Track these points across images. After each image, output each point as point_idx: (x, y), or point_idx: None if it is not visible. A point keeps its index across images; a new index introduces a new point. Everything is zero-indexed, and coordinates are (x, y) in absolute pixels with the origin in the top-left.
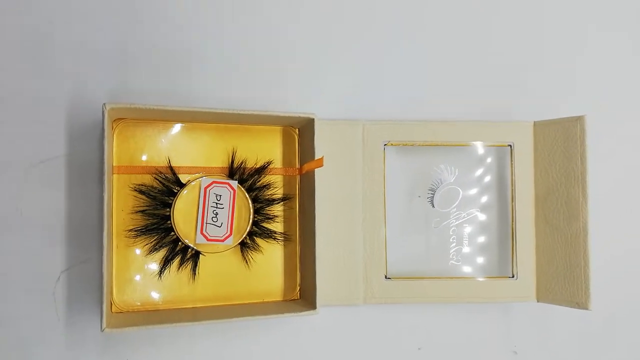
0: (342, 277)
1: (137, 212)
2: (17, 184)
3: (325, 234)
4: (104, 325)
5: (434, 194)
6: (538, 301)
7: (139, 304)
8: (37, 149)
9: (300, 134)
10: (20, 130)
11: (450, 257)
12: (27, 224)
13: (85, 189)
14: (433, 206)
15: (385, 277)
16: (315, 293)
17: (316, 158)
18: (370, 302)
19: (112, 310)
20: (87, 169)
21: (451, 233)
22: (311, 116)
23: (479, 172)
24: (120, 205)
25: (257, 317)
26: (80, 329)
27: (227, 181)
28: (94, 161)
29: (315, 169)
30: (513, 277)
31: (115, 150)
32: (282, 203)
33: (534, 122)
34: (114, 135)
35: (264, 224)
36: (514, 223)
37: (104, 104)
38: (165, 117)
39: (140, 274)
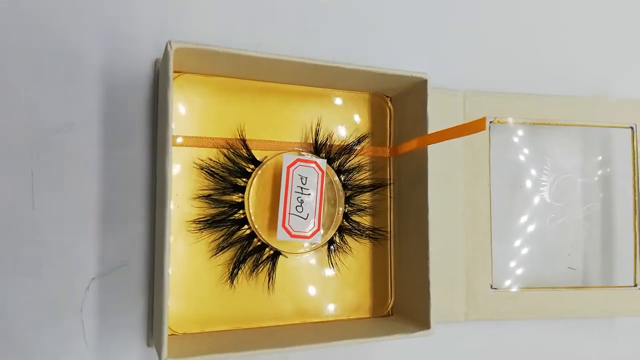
0: (439, 287)
1: (200, 197)
2: (30, 160)
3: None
4: (165, 354)
5: (547, 184)
6: None
7: (198, 323)
8: (55, 113)
9: (394, 104)
10: (33, 87)
11: (567, 261)
12: (44, 216)
13: (122, 167)
14: (547, 199)
15: (491, 287)
16: (429, 308)
17: (429, 131)
18: (472, 317)
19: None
20: (124, 140)
21: (569, 232)
22: (422, 77)
23: (595, 158)
24: (174, 189)
25: (362, 340)
26: (116, 355)
27: (314, 159)
28: (135, 129)
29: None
30: (636, 286)
31: (177, 116)
32: (372, 191)
33: None
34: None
35: (354, 217)
36: (637, 219)
37: (169, 42)
38: (236, 72)
39: (201, 282)
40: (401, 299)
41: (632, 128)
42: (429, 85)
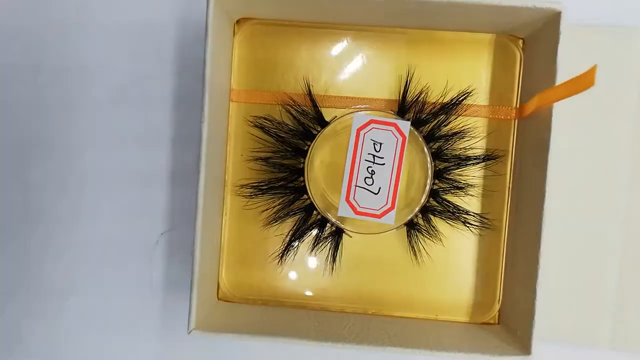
0: (575, 301)
1: (257, 159)
2: (99, 110)
3: (555, 224)
4: (192, 324)
5: None
6: None
7: (255, 293)
8: (128, 68)
9: (526, 49)
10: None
11: None
12: (115, 170)
13: (193, 123)
14: None
15: None
16: (532, 326)
17: (577, 73)
18: (621, 346)
19: (219, 297)
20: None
21: None
22: (554, 8)
23: None
24: (240, 148)
25: (427, 352)
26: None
27: (394, 121)
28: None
29: (553, 105)
30: None
31: (237, 67)
32: (483, 165)
33: None
34: (235, 44)
35: (449, 197)
36: None
37: None
38: (306, 16)
39: (259, 252)
40: (511, 307)
41: None
42: (563, 21)
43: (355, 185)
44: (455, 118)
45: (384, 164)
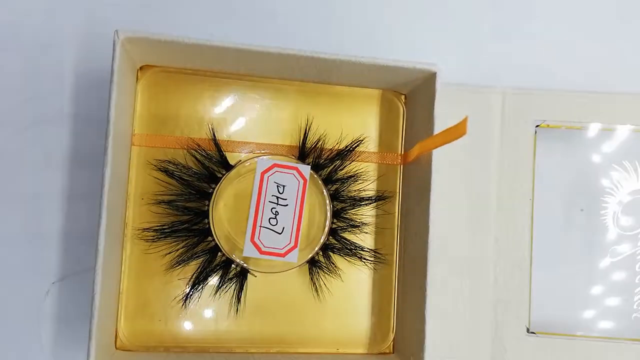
0: (459, 327)
1: (160, 202)
2: None
3: (437, 258)
4: None
5: (610, 207)
6: None
7: (155, 340)
8: (28, 105)
9: (407, 103)
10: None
11: (635, 306)
12: (8, 214)
13: (94, 167)
14: (613, 225)
15: (528, 330)
16: (424, 350)
17: (446, 126)
18: None
19: (117, 346)
20: (97, 137)
21: (638, 269)
22: (431, 69)
23: None
24: (140, 192)
25: None
26: None
27: (296, 165)
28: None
29: (433, 151)
30: None
31: (139, 112)
32: (375, 205)
33: None
34: (138, 89)
35: (346, 235)
36: None
37: (116, 30)
38: (209, 65)
39: (161, 297)
40: (403, 335)
41: None
42: (438, 80)
43: (260, 226)
44: (350, 163)
45: (287, 205)
